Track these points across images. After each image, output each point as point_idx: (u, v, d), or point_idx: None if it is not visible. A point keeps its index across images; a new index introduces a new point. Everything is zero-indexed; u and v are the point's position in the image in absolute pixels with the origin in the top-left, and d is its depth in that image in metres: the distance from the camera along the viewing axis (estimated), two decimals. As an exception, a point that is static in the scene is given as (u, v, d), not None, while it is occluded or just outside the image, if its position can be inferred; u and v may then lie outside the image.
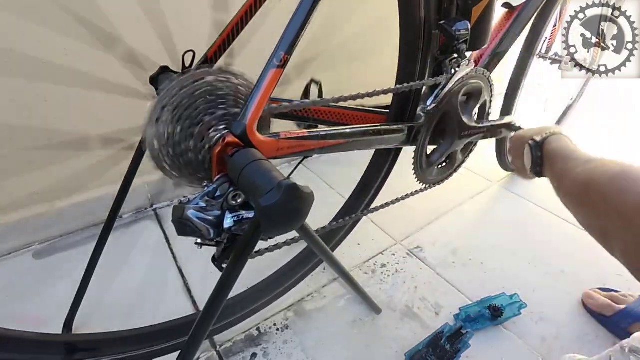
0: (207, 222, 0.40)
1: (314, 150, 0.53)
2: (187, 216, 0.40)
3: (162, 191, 1.09)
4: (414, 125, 0.66)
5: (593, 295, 0.80)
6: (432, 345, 0.71)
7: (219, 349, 0.73)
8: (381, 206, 0.69)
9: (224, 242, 0.43)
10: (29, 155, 0.85)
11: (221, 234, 0.41)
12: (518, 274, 0.90)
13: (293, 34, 0.43)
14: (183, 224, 0.40)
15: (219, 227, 0.41)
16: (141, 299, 0.83)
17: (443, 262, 0.93)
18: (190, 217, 0.40)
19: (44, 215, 0.92)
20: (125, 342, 0.58)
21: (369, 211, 0.69)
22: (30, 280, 0.86)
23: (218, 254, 0.45)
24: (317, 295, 0.85)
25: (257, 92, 0.43)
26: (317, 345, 0.74)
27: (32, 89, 0.79)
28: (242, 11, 0.59)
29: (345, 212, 0.81)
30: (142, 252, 0.95)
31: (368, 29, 1.23)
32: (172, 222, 0.41)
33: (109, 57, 0.83)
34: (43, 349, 0.48)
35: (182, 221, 0.40)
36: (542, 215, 1.10)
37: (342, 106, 0.61)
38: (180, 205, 0.40)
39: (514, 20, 0.74)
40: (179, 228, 0.40)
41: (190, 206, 0.40)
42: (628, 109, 1.80)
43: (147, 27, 0.84)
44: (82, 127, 0.88)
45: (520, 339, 0.76)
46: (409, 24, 0.60)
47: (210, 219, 0.40)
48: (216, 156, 0.43)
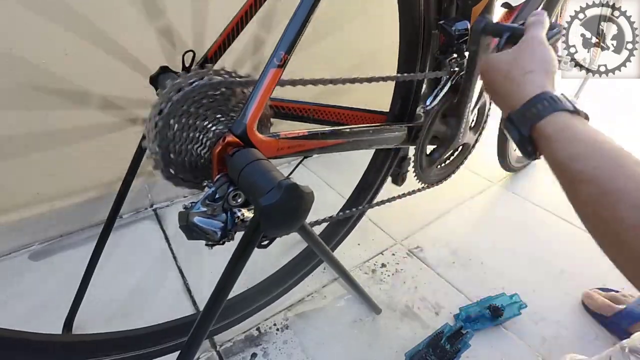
0: (212, 225, 0.41)
1: (314, 150, 0.53)
2: (193, 222, 0.41)
3: (162, 191, 1.09)
4: (413, 125, 0.66)
5: (593, 296, 0.80)
6: (432, 345, 0.71)
7: (219, 349, 0.73)
8: (382, 202, 0.68)
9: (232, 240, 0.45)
10: (28, 155, 0.85)
11: (228, 234, 0.42)
12: (518, 274, 0.90)
13: (293, 34, 0.43)
14: (190, 229, 0.41)
15: (224, 229, 0.42)
16: (141, 299, 0.83)
17: (443, 262, 0.93)
18: (196, 223, 0.41)
19: (44, 215, 0.92)
20: (125, 342, 0.58)
21: (371, 206, 0.68)
22: (30, 280, 0.86)
23: None
24: (317, 295, 0.84)
25: (257, 91, 0.43)
26: (317, 345, 0.74)
27: (31, 88, 0.79)
28: (242, 11, 0.59)
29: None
30: (142, 252, 0.95)
31: (368, 27, 1.23)
32: (180, 229, 0.42)
33: (108, 58, 0.83)
34: (43, 349, 0.48)
35: (189, 227, 0.41)
36: (542, 215, 1.10)
37: (342, 106, 0.61)
38: (184, 212, 0.41)
39: (514, 20, 0.74)
40: (187, 233, 0.42)
41: (194, 212, 0.41)
42: (628, 109, 1.80)
43: (147, 27, 0.84)
44: (82, 127, 0.88)
45: (520, 339, 0.76)
46: (409, 24, 0.60)
47: (215, 222, 0.41)
48: (216, 156, 0.43)
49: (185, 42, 0.87)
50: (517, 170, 1.30)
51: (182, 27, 0.87)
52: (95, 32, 0.78)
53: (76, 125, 0.87)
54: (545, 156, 0.38)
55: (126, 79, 0.85)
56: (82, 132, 0.89)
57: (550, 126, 0.36)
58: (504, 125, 0.41)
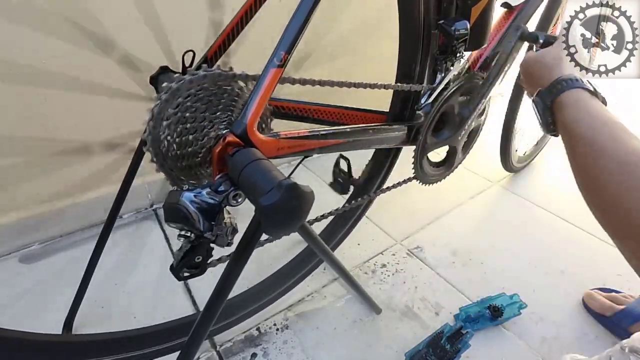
0: (201, 209, 0.39)
1: (314, 149, 0.53)
2: (183, 201, 0.38)
3: (162, 191, 1.09)
4: (413, 125, 0.66)
5: (593, 295, 0.80)
6: (432, 345, 0.71)
7: (219, 349, 0.73)
8: (388, 188, 0.69)
9: (206, 241, 0.41)
10: (28, 156, 0.85)
11: (212, 228, 0.40)
12: (518, 274, 0.90)
13: (293, 34, 0.43)
14: (177, 208, 0.38)
15: (211, 219, 0.39)
16: (141, 299, 0.83)
17: (443, 262, 0.93)
18: (185, 202, 0.38)
19: (44, 215, 0.92)
20: (125, 342, 0.58)
21: (378, 193, 0.69)
22: (30, 280, 0.86)
23: (177, 260, 0.41)
24: (317, 295, 0.84)
25: (258, 91, 0.43)
26: (317, 345, 0.74)
27: (31, 91, 0.79)
28: (242, 11, 0.59)
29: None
30: (142, 252, 0.95)
31: (368, 25, 1.23)
32: (163, 207, 0.39)
33: (107, 59, 0.83)
34: (43, 349, 0.48)
35: (177, 206, 0.38)
36: (542, 215, 1.10)
37: (342, 106, 0.61)
38: (176, 191, 0.38)
39: (513, 20, 0.74)
40: (169, 213, 0.38)
41: (188, 192, 0.38)
42: (628, 109, 1.80)
43: (145, 28, 0.84)
44: (82, 127, 0.88)
45: (520, 339, 0.76)
46: (408, 24, 0.60)
47: (205, 207, 0.39)
48: (217, 155, 0.43)
49: (184, 42, 0.88)
50: (518, 171, 1.30)
51: (182, 27, 0.87)
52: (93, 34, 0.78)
53: (76, 125, 0.87)
54: (557, 121, 0.48)
55: (125, 77, 0.85)
56: (83, 131, 0.89)
57: (568, 98, 0.46)
58: (533, 100, 0.51)
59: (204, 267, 0.43)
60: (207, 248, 0.42)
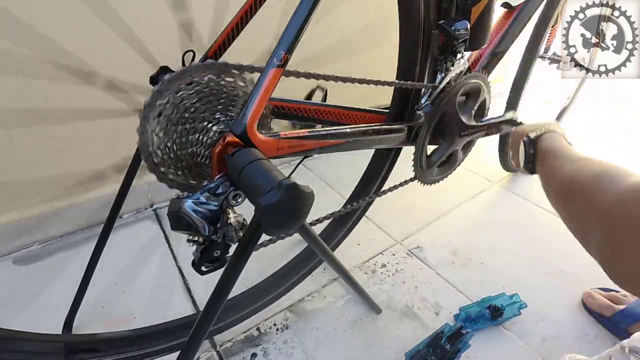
0: (204, 216, 0.39)
1: (314, 149, 0.53)
2: (185, 209, 0.38)
3: (162, 191, 1.09)
4: (413, 125, 0.66)
5: (593, 295, 0.80)
6: (432, 345, 0.71)
7: (219, 349, 0.73)
8: (389, 189, 0.69)
9: (217, 241, 0.42)
10: (28, 155, 0.85)
11: (217, 231, 0.40)
12: (518, 274, 0.90)
13: (293, 33, 0.43)
14: (179, 217, 0.38)
15: (215, 224, 0.40)
16: (141, 299, 0.83)
17: (443, 262, 0.93)
18: (187, 211, 0.38)
19: (44, 215, 0.92)
20: (125, 342, 0.59)
21: (378, 195, 0.69)
22: (30, 280, 0.86)
23: (197, 257, 0.43)
24: (317, 295, 0.84)
25: (258, 91, 0.43)
26: (317, 345, 0.74)
27: (31, 87, 0.79)
28: (242, 10, 0.59)
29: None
30: (142, 252, 0.95)
31: (368, 26, 1.23)
32: (167, 215, 0.40)
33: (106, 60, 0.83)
34: (43, 349, 0.48)
35: (179, 214, 0.38)
36: (542, 215, 1.10)
37: (342, 106, 0.61)
38: (178, 199, 0.39)
39: (514, 20, 0.74)
40: (173, 221, 0.39)
41: (188, 200, 0.39)
42: (628, 109, 1.80)
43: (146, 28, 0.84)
44: (82, 126, 0.88)
45: (520, 339, 0.76)
46: (409, 24, 0.60)
47: (207, 213, 0.39)
48: (216, 155, 0.43)
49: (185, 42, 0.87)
50: (517, 171, 1.30)
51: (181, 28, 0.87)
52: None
53: (76, 125, 0.87)
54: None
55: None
56: (83, 132, 0.89)
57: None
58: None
59: (223, 260, 0.44)
60: (223, 244, 0.43)
